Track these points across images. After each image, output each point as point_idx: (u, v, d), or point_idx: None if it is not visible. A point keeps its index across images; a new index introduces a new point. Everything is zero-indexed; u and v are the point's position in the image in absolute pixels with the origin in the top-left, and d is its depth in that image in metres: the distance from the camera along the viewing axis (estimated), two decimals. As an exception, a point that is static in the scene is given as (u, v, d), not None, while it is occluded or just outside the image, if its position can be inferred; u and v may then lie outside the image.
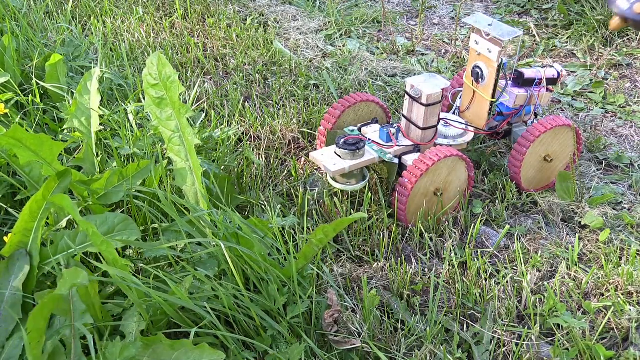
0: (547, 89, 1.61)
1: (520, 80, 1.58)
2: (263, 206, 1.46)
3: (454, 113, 1.66)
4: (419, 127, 1.46)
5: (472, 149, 1.72)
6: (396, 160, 1.46)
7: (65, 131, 1.53)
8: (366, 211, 1.45)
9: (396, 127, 1.50)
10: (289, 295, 1.12)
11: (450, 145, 1.52)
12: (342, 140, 1.43)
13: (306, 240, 1.12)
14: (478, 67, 1.52)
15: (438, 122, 1.48)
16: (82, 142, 1.44)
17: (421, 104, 1.42)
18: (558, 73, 1.61)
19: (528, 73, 1.58)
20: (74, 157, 1.42)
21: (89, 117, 1.42)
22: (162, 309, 1.02)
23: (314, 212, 1.46)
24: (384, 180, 1.54)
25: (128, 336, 0.96)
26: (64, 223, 1.20)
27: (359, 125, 1.56)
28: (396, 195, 1.40)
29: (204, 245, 1.17)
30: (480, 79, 1.52)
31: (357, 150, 1.42)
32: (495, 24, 1.47)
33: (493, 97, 1.53)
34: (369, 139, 1.49)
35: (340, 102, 1.59)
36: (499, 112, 1.60)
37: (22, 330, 0.95)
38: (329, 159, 1.43)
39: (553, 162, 1.58)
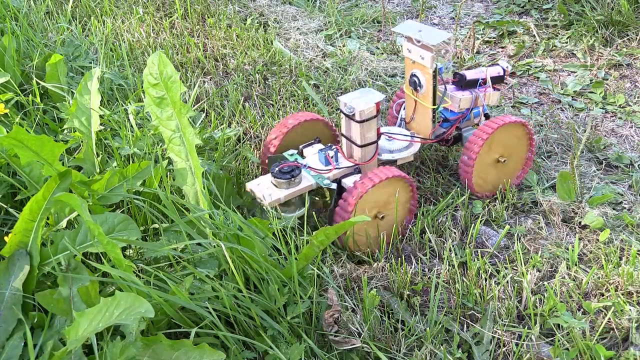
0: (494, 88, 1.56)
1: (463, 83, 1.52)
2: (264, 207, 1.46)
3: (399, 125, 1.60)
4: (357, 145, 1.41)
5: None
6: (334, 186, 1.39)
7: (66, 131, 1.53)
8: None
9: (334, 150, 1.44)
10: (289, 296, 1.12)
11: (396, 160, 1.48)
12: (277, 169, 1.37)
13: (307, 241, 1.12)
14: (415, 75, 1.47)
15: (378, 138, 1.43)
16: (82, 142, 1.44)
17: (356, 121, 1.37)
18: (504, 70, 1.56)
19: (470, 74, 1.53)
20: (74, 157, 1.42)
21: (89, 117, 1.42)
22: (162, 309, 1.02)
23: (313, 213, 1.46)
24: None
25: (128, 336, 0.96)
26: (64, 223, 1.20)
27: (300, 146, 1.49)
28: (335, 221, 1.33)
29: (204, 245, 1.17)
30: (418, 87, 1.47)
31: (292, 179, 1.36)
32: (425, 29, 1.42)
33: (434, 104, 1.48)
34: (305, 165, 1.42)
35: (278, 128, 1.51)
36: (444, 119, 1.54)
37: (22, 329, 0.96)
38: (265, 189, 1.37)
39: (507, 163, 1.54)
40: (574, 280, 1.31)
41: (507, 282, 1.29)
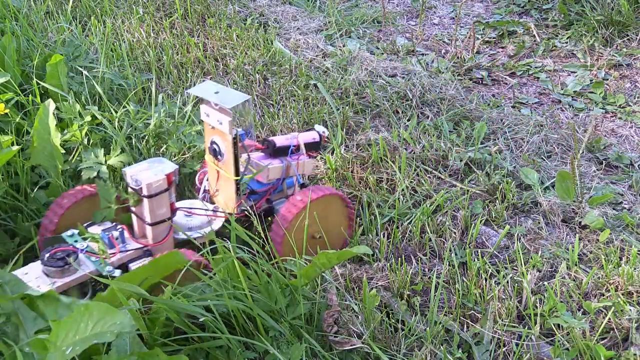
0: (309, 156, 1.40)
1: (272, 151, 1.36)
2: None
3: (203, 198, 1.39)
4: (147, 223, 1.21)
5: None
6: (117, 273, 1.15)
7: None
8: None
9: (120, 229, 1.22)
10: (291, 298, 1.12)
11: (195, 238, 1.25)
12: (47, 254, 1.14)
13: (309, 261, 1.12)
14: (214, 142, 1.29)
15: (173, 214, 1.24)
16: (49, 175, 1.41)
17: (143, 196, 1.18)
18: (320, 135, 1.41)
19: (280, 141, 1.37)
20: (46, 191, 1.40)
21: (52, 152, 1.40)
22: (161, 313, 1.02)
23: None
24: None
25: (122, 349, 0.93)
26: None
27: (85, 224, 1.25)
28: None
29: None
30: (219, 156, 1.29)
31: (66, 266, 1.12)
32: (223, 90, 1.26)
33: (237, 174, 1.28)
34: (82, 249, 1.18)
35: (52, 210, 1.27)
36: (251, 191, 1.34)
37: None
38: (33, 279, 1.12)
39: (322, 239, 1.33)
40: (574, 280, 1.31)
41: (507, 282, 1.29)
